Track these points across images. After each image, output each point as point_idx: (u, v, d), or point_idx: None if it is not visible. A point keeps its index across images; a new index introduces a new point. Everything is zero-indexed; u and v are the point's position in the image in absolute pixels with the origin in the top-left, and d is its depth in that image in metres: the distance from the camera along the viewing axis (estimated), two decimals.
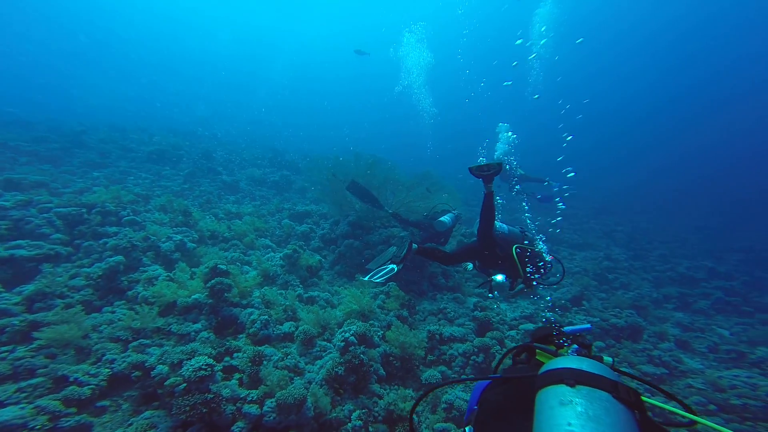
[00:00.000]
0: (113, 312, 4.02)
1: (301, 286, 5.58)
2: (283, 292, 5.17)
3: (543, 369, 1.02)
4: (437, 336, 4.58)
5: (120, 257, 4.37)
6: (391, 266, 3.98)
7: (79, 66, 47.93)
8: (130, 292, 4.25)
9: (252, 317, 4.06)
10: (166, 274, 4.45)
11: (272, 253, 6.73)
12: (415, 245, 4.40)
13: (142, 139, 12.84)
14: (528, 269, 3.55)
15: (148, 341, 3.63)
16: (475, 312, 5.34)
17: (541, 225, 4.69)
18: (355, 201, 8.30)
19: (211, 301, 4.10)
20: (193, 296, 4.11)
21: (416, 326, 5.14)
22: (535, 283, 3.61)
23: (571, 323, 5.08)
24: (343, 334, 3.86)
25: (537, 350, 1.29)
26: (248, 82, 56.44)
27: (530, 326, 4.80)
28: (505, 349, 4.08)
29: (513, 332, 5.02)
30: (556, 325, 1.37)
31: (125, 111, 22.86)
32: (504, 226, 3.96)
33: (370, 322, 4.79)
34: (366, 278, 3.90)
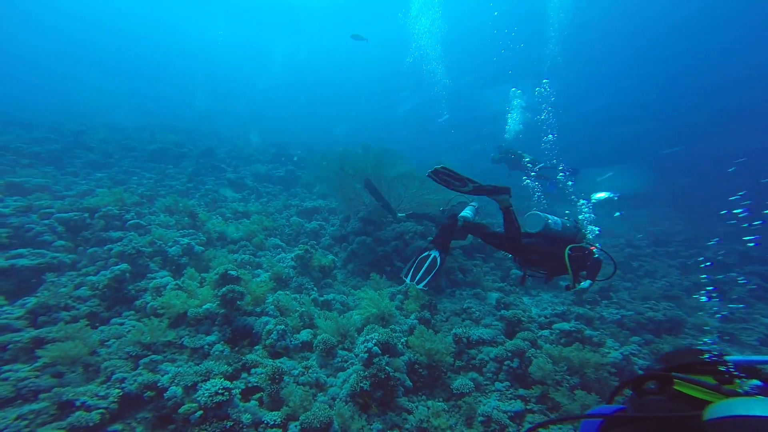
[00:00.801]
0: (122, 324, 3.79)
1: (315, 289, 5.31)
2: (298, 296, 4.90)
3: (715, 412, 0.72)
4: (464, 339, 4.29)
5: (125, 265, 4.12)
6: (432, 254, 3.58)
7: (72, 64, 47.56)
8: (138, 302, 4.01)
9: (268, 327, 3.80)
10: (174, 283, 4.18)
11: (283, 254, 6.46)
12: (460, 221, 4.05)
13: (143, 138, 12.57)
14: (582, 273, 3.22)
15: (159, 357, 3.39)
16: (502, 311, 5.03)
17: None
18: (364, 195, 7.98)
19: (223, 310, 3.84)
20: (204, 306, 3.85)
21: (439, 328, 4.86)
22: (586, 285, 3.29)
23: (724, 352, 4.76)
24: (365, 344, 3.58)
25: (676, 380, 0.94)
26: (247, 76, 55.64)
27: (565, 326, 4.47)
28: (624, 379, 3.78)
29: (545, 332, 4.70)
30: (715, 355, 0.99)
31: (121, 109, 22.49)
32: (558, 221, 3.57)
33: (391, 326, 4.51)
34: (414, 284, 3.48)
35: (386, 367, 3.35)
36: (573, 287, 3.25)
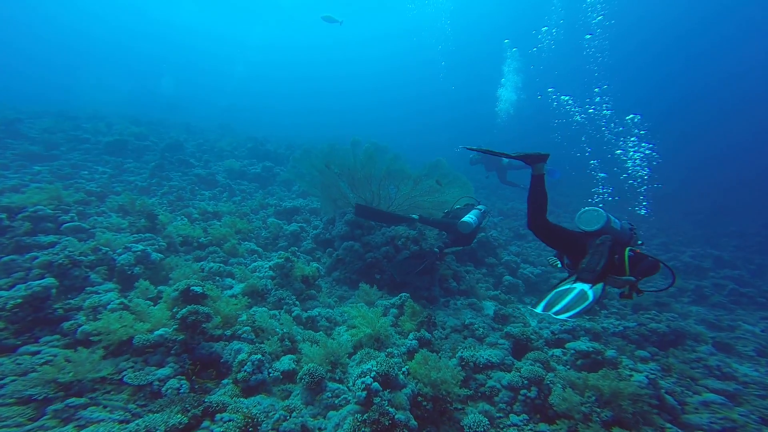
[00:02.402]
0: (37, 353, 2.89)
1: (297, 303, 4.59)
2: (277, 313, 4.17)
3: None
4: (471, 364, 3.74)
5: (51, 279, 3.22)
6: (581, 289, 2.43)
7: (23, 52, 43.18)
8: (67, 324, 3.12)
9: (240, 357, 3.07)
10: (119, 300, 3.31)
11: (259, 261, 5.67)
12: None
13: (98, 129, 11.17)
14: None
15: (82, 400, 2.55)
16: (509, 328, 4.54)
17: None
18: (351, 197, 7.31)
19: (182, 336, 3.06)
20: (157, 332, 3.05)
21: (440, 347, 4.29)
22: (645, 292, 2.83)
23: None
24: (363, 378, 2.95)
25: None
26: (221, 64, 52.79)
27: (581, 345, 4.04)
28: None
29: (557, 351, 4.25)
30: None
31: (72, 98, 20.28)
32: (617, 221, 3.07)
33: (388, 350, 3.90)
34: (559, 316, 2.44)
35: (389, 409, 2.73)
36: (629, 296, 2.78)
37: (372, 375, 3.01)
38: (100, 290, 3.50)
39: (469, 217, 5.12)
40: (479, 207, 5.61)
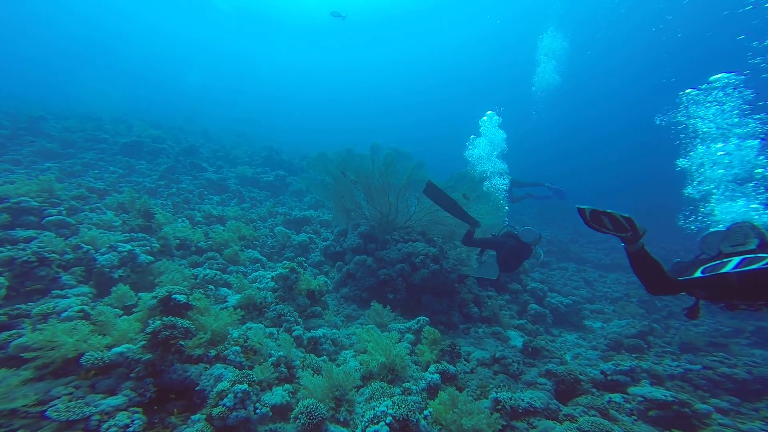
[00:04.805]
0: None
1: (299, 321, 3.96)
2: (275, 332, 3.55)
3: None
4: (507, 407, 2.99)
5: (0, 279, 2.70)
6: None
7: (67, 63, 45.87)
8: (4, 335, 2.51)
9: (221, 386, 2.44)
10: (79, 307, 2.74)
11: (262, 271, 5.12)
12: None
13: (118, 130, 11.19)
14: None
15: None
16: (550, 365, 3.76)
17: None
18: (366, 208, 6.77)
19: (148, 356, 2.46)
20: (116, 348, 2.46)
21: (465, 383, 3.55)
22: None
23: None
24: (374, 426, 2.27)
25: None
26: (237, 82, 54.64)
27: (655, 393, 3.20)
28: None
29: (616, 397, 3.40)
30: None
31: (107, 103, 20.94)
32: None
33: (404, 384, 3.20)
34: None
35: None
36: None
37: (387, 421, 2.33)
38: (70, 294, 2.98)
39: (531, 232, 4.57)
40: (529, 228, 4.97)
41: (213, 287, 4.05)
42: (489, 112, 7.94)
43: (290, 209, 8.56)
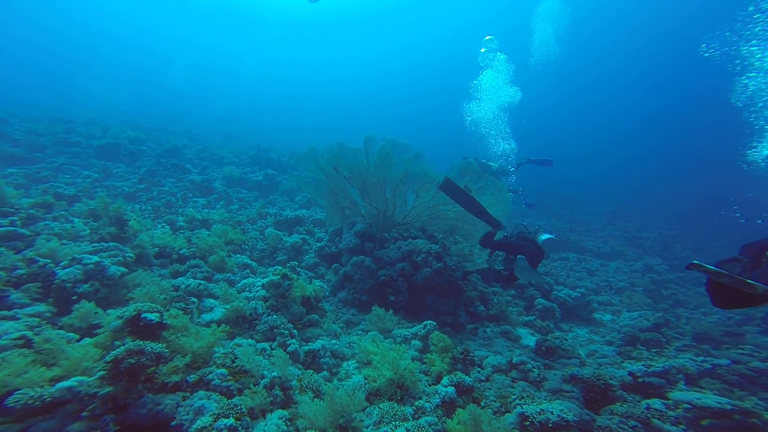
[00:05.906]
0: None
1: (295, 333, 3.56)
2: (268, 347, 3.14)
3: None
4: (536, 423, 2.65)
5: None
6: None
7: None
8: None
9: (201, 422, 2.03)
10: (20, 333, 2.24)
11: (251, 278, 4.69)
12: None
13: (93, 133, 10.52)
14: None
15: None
16: (573, 369, 3.43)
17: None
18: (361, 205, 6.37)
19: (108, 389, 2.03)
20: (63, 383, 2.02)
21: (481, 394, 3.20)
22: None
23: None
24: None
25: None
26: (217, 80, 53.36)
27: (708, 401, 2.87)
28: None
29: (655, 403, 3.06)
30: None
31: (73, 106, 19.81)
32: None
33: (417, 402, 2.83)
34: None
35: None
36: None
37: None
38: (20, 314, 2.52)
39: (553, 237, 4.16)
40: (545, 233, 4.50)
41: (196, 299, 3.62)
42: (487, 37, 7.39)
43: (281, 209, 8.10)
